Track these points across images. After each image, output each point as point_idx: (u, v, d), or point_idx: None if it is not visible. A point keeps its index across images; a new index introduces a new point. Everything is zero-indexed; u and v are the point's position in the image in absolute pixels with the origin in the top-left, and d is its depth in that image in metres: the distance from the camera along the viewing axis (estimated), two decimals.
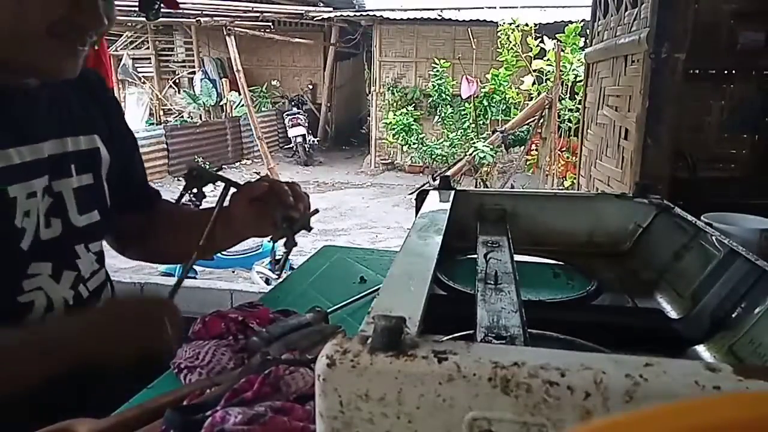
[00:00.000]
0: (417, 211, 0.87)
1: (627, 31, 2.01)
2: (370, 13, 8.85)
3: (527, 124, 6.78)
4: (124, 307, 0.81)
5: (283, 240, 0.78)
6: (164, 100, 10.18)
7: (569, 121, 6.25)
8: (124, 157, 0.90)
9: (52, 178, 0.75)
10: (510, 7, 7.88)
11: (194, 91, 9.90)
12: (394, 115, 8.25)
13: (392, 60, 8.74)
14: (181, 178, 0.88)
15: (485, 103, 7.60)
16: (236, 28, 8.09)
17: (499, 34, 7.12)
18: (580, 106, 3.28)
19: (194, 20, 8.06)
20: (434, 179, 6.15)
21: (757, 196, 1.52)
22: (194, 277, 3.02)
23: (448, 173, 6.19)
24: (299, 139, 9.25)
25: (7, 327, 0.68)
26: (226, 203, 0.82)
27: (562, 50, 6.43)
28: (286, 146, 9.90)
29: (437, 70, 7.92)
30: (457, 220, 0.82)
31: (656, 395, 0.31)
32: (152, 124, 9.48)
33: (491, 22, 7.59)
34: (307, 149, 9.32)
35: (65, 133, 0.79)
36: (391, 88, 8.64)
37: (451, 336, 0.57)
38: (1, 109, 0.70)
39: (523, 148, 7.00)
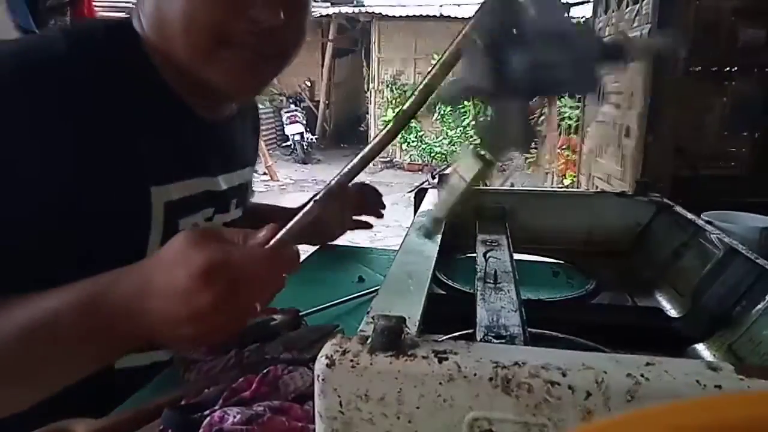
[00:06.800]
0: (416, 210, 0.87)
1: (628, 27, 2.00)
2: (369, 9, 8.83)
3: None
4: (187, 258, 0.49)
5: None
6: None
7: (569, 118, 6.25)
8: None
9: (216, 212, 0.75)
10: None
11: None
12: (393, 112, 8.24)
13: (391, 57, 8.72)
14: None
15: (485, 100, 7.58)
16: None
17: None
18: (580, 104, 3.28)
19: None
20: (433, 177, 6.15)
21: (758, 194, 1.52)
22: None
23: (447, 171, 6.17)
24: (297, 137, 9.23)
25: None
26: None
27: None
28: (283, 144, 9.88)
29: None
30: (455, 218, 0.81)
31: (658, 395, 0.31)
32: None
33: None
34: (305, 147, 9.30)
35: (235, 167, 0.79)
36: (389, 86, 8.62)
37: (450, 335, 0.57)
38: (198, 140, 0.70)
39: None
